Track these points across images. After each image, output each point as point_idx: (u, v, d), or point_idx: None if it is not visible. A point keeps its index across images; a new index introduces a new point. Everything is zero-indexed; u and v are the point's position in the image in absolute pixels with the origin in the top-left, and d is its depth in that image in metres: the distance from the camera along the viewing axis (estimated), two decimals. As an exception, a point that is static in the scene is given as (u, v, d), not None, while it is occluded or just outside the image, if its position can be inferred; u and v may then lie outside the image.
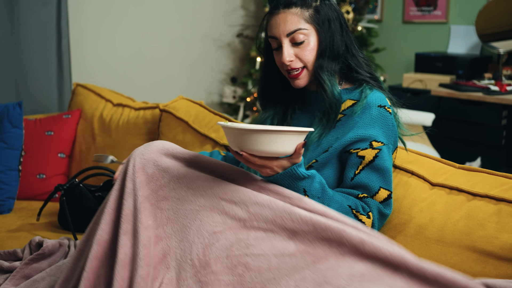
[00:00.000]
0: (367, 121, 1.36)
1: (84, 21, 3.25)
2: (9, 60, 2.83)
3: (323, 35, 1.40)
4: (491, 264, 1.23)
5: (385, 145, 1.36)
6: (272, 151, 1.15)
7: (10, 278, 1.50)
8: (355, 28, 3.99)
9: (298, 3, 1.39)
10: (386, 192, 1.34)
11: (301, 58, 1.40)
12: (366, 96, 1.40)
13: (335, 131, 1.39)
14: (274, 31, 1.40)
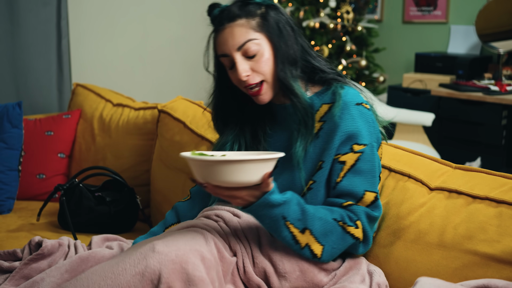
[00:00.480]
0: (348, 122, 1.30)
1: (84, 21, 3.25)
2: (9, 60, 2.83)
3: (277, 42, 1.32)
4: (494, 268, 1.22)
5: (367, 145, 1.30)
6: (235, 181, 1.10)
7: (10, 279, 1.50)
8: (355, 28, 3.99)
9: (242, 14, 1.31)
10: (372, 194, 1.29)
11: (258, 71, 1.31)
12: (341, 96, 1.32)
13: (320, 141, 1.33)
14: (224, 48, 1.32)
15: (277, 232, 1.23)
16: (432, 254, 1.31)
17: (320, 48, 3.90)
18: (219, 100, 1.45)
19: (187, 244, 1.17)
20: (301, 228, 1.22)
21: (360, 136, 1.30)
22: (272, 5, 1.36)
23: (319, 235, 1.23)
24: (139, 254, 1.17)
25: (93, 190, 1.99)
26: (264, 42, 1.32)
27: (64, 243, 1.59)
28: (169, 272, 1.11)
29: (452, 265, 1.28)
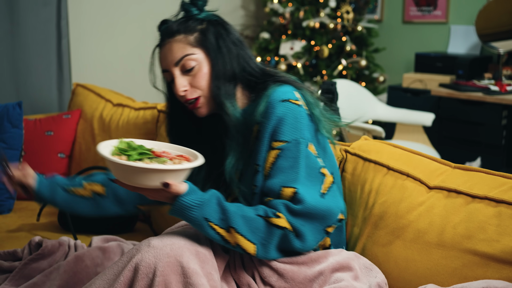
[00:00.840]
0: (271, 120, 1.27)
1: (84, 21, 3.25)
2: (9, 60, 2.83)
3: (213, 57, 1.33)
4: (493, 267, 1.22)
5: (289, 142, 1.25)
6: (137, 184, 1.16)
7: (10, 279, 1.50)
8: (355, 28, 3.99)
9: (181, 30, 1.34)
10: (290, 190, 1.23)
11: (195, 86, 1.33)
12: (268, 95, 1.29)
13: (255, 145, 1.32)
14: (164, 63, 1.36)
15: (205, 233, 1.22)
16: (432, 253, 1.31)
17: (320, 48, 3.90)
18: (172, 113, 1.45)
19: (181, 240, 1.19)
20: (225, 227, 1.21)
21: (280, 133, 1.26)
22: (214, 20, 1.37)
23: (246, 233, 1.21)
24: (135, 250, 1.19)
25: (93, 190, 1.99)
26: (202, 58, 1.34)
27: (64, 243, 1.60)
28: (164, 266, 1.14)
29: (451, 264, 1.28)
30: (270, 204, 1.25)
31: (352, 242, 1.49)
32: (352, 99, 3.28)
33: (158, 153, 1.23)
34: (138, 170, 1.13)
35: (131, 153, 1.19)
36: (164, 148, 1.28)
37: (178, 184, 1.17)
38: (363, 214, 1.48)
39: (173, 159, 1.22)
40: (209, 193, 1.23)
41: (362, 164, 1.54)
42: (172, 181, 1.15)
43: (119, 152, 1.20)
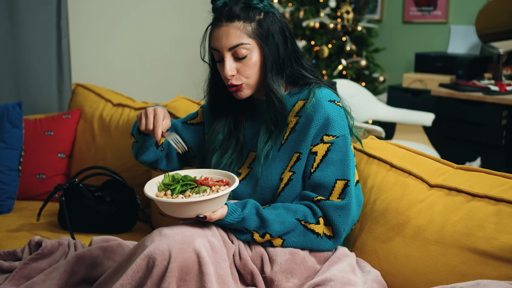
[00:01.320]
0: (321, 115, 1.38)
1: (84, 21, 3.25)
2: (9, 60, 2.83)
3: (266, 50, 1.39)
4: (491, 265, 1.23)
5: (338, 137, 1.38)
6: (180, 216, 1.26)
7: (10, 278, 1.50)
8: (355, 28, 3.99)
9: (242, 16, 1.37)
10: (342, 182, 1.37)
11: (242, 73, 1.39)
12: (315, 93, 1.41)
13: (296, 134, 1.41)
14: (216, 44, 1.39)
15: (240, 236, 1.35)
16: (431, 250, 1.32)
17: (320, 48, 3.90)
18: (213, 89, 1.52)
19: (192, 228, 1.24)
20: (261, 233, 1.33)
21: (331, 128, 1.38)
22: (271, 12, 1.41)
23: (279, 235, 1.34)
24: (147, 241, 1.23)
25: (93, 190, 1.99)
26: (255, 48, 1.39)
27: (64, 243, 1.60)
28: (178, 252, 1.17)
29: (450, 261, 1.28)
30: (320, 204, 1.36)
31: (353, 238, 1.50)
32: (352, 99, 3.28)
33: (200, 181, 1.33)
34: (178, 205, 1.23)
35: (175, 186, 1.30)
36: (207, 174, 1.38)
37: (216, 212, 1.26)
38: (364, 209, 1.50)
39: (213, 185, 1.31)
40: (249, 207, 1.33)
41: (366, 160, 1.57)
42: (213, 208, 1.25)
43: (164, 187, 1.31)
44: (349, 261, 1.38)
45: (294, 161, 1.40)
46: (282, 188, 1.40)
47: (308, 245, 1.37)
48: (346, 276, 1.31)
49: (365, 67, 3.95)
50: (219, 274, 1.21)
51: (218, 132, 1.51)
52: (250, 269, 1.32)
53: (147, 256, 1.19)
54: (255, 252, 1.35)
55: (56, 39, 2.95)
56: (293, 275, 1.32)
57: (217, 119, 1.53)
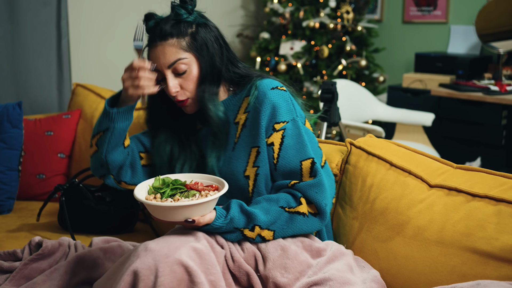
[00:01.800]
0: (267, 105, 1.40)
1: (84, 21, 3.25)
2: (9, 60, 2.83)
3: (203, 61, 1.41)
4: (492, 265, 1.23)
5: (288, 122, 1.40)
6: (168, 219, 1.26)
7: (10, 279, 1.50)
8: (355, 28, 3.99)
9: (174, 33, 1.40)
10: (308, 161, 1.39)
11: (185, 88, 1.41)
12: (257, 85, 1.43)
13: (248, 130, 1.43)
14: (156, 64, 1.41)
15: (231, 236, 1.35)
16: (431, 250, 1.32)
17: (320, 48, 3.90)
18: (153, 108, 1.53)
19: (177, 239, 1.25)
20: (250, 227, 1.34)
21: (279, 115, 1.40)
22: (202, 23, 1.44)
23: (268, 225, 1.35)
24: (133, 256, 1.23)
25: (93, 190, 1.99)
26: (193, 61, 1.41)
27: (64, 244, 1.60)
28: (165, 266, 1.18)
29: (450, 262, 1.28)
30: (296, 187, 1.38)
31: (352, 236, 1.50)
32: (352, 99, 3.28)
33: (190, 186, 1.34)
34: (166, 208, 1.24)
35: (164, 190, 1.31)
36: (197, 178, 1.38)
37: (204, 217, 1.28)
38: (363, 208, 1.49)
39: (203, 190, 1.32)
40: (233, 206, 1.34)
41: (365, 158, 1.56)
42: (202, 212, 1.26)
43: (154, 191, 1.32)
44: (347, 260, 1.38)
45: (254, 156, 1.41)
46: (253, 185, 1.41)
47: (297, 229, 1.38)
48: (345, 276, 1.31)
49: (365, 67, 3.95)
50: (210, 280, 1.22)
51: (165, 145, 1.51)
52: (245, 270, 1.32)
53: (132, 272, 1.19)
54: (248, 253, 1.35)
55: (56, 39, 2.95)
56: (287, 270, 1.32)
57: (159, 132, 1.52)
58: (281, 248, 1.35)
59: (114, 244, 1.55)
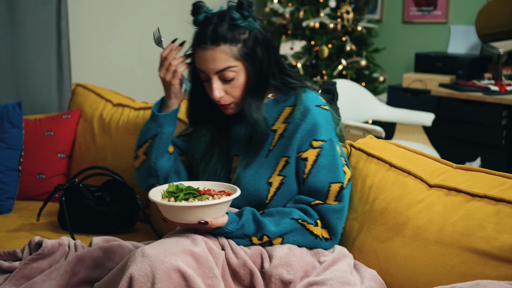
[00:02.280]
0: (308, 121, 1.41)
1: (84, 21, 3.25)
2: (9, 60, 2.83)
3: (252, 69, 1.40)
4: (491, 265, 1.23)
5: (326, 141, 1.41)
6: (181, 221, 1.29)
7: (10, 279, 1.50)
8: (355, 28, 3.99)
9: (227, 39, 1.37)
10: (337, 185, 1.40)
11: (230, 94, 1.41)
12: (302, 99, 1.43)
13: (285, 140, 1.43)
14: (203, 66, 1.40)
15: (238, 240, 1.37)
16: (430, 250, 1.32)
17: (320, 48, 3.90)
18: (193, 101, 1.54)
19: (174, 244, 1.25)
20: (259, 236, 1.36)
21: (318, 133, 1.41)
22: (255, 29, 1.42)
23: (276, 235, 1.36)
24: (129, 261, 1.23)
25: (93, 190, 1.99)
26: (241, 70, 1.41)
27: (64, 243, 1.60)
28: (161, 273, 1.18)
29: (450, 262, 1.28)
30: (317, 208, 1.39)
31: (352, 237, 1.50)
32: (352, 99, 3.28)
33: (203, 191, 1.35)
34: (181, 208, 1.26)
35: (178, 194, 1.33)
36: (209, 186, 1.40)
37: (217, 219, 1.29)
38: (362, 209, 1.49)
39: (215, 195, 1.33)
40: (246, 213, 1.36)
41: (365, 159, 1.57)
42: (215, 215, 1.28)
43: (168, 195, 1.34)
44: (348, 262, 1.39)
45: (282, 165, 1.42)
46: (274, 192, 1.41)
47: (306, 244, 1.39)
48: (346, 276, 1.31)
49: (365, 67, 3.95)
50: (208, 284, 1.22)
51: (200, 142, 1.52)
52: (249, 268, 1.32)
53: (129, 278, 1.20)
54: (254, 250, 1.36)
55: (56, 39, 2.95)
56: (293, 268, 1.32)
57: (198, 129, 1.54)
58: (288, 247, 1.36)
59: (114, 244, 1.55)
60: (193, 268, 1.22)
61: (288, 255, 1.34)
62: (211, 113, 1.53)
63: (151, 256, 1.20)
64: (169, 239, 1.28)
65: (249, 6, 1.42)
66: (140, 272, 1.18)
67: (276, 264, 1.32)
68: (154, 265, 1.19)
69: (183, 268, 1.19)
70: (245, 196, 1.43)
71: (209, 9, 1.45)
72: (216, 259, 1.29)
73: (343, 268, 1.34)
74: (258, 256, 1.35)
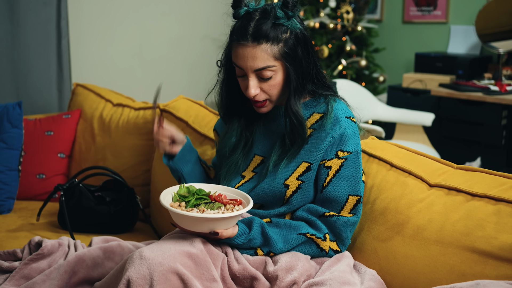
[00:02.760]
0: (337, 131, 1.40)
1: (84, 21, 3.25)
2: (9, 60, 2.83)
3: (291, 71, 1.37)
4: (491, 264, 1.23)
5: (352, 153, 1.40)
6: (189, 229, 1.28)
7: (10, 279, 1.50)
8: (355, 28, 3.99)
9: (270, 38, 1.33)
10: (355, 198, 1.40)
11: (266, 91, 1.39)
12: (333, 108, 1.42)
13: (309, 146, 1.42)
14: (241, 63, 1.36)
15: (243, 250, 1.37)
16: (430, 250, 1.32)
17: (320, 48, 3.90)
18: (227, 94, 1.51)
19: (172, 246, 1.25)
20: (265, 252, 1.36)
21: (345, 144, 1.40)
22: (297, 29, 1.38)
23: (282, 251, 1.37)
24: (127, 264, 1.23)
25: (93, 190, 1.99)
26: (280, 70, 1.38)
27: (64, 243, 1.60)
28: (159, 275, 1.18)
29: (450, 261, 1.28)
30: (331, 220, 1.38)
31: (352, 237, 1.50)
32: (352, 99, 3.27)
33: (215, 197, 1.35)
34: (194, 219, 1.24)
35: (189, 199, 1.33)
36: (221, 191, 1.39)
37: (227, 230, 1.29)
38: (363, 209, 1.50)
39: (228, 203, 1.33)
40: (255, 227, 1.35)
41: (366, 159, 1.58)
42: (225, 226, 1.27)
43: (179, 198, 1.33)
44: (348, 262, 1.39)
45: (303, 170, 1.41)
46: (290, 195, 1.41)
47: (311, 254, 1.40)
48: (345, 276, 1.31)
49: (365, 67, 3.95)
50: (206, 286, 1.23)
51: (232, 136, 1.51)
52: (249, 273, 1.32)
53: (127, 280, 1.20)
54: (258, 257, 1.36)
55: (56, 39, 2.95)
56: (295, 269, 1.33)
57: (230, 122, 1.53)
58: (292, 252, 1.38)
59: (113, 244, 1.55)
60: (191, 270, 1.22)
61: (292, 259, 1.34)
62: (243, 107, 1.52)
63: (149, 259, 1.20)
64: (167, 241, 1.28)
65: (294, 6, 1.37)
66: (138, 275, 1.19)
67: (282, 267, 1.32)
68: (152, 268, 1.19)
69: (181, 270, 1.20)
70: (260, 194, 1.43)
71: (250, 3, 1.41)
72: (214, 260, 1.29)
73: (343, 268, 1.35)
74: (262, 261, 1.36)
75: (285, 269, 1.32)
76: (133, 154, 2.22)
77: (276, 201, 1.43)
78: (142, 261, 1.20)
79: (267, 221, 1.41)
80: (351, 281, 1.31)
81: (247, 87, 1.38)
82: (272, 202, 1.43)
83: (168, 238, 1.31)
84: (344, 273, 1.32)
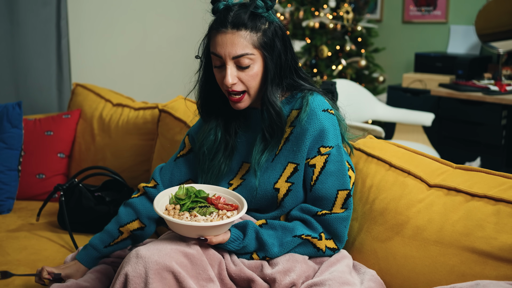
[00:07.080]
0: (315, 126, 1.38)
1: (84, 21, 3.25)
2: (8, 60, 2.83)
3: (269, 61, 1.37)
4: (491, 265, 1.23)
5: (333, 147, 1.39)
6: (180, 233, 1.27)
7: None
8: (355, 28, 3.99)
9: (249, 26, 1.34)
10: (345, 192, 1.39)
11: (244, 82, 1.37)
12: (308, 102, 1.40)
13: (290, 144, 1.41)
14: (219, 50, 1.35)
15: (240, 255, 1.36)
16: (430, 250, 1.32)
17: (320, 48, 3.90)
18: (205, 92, 1.50)
19: (168, 245, 1.25)
20: (261, 257, 1.36)
21: (326, 139, 1.39)
22: (274, 22, 1.40)
23: (278, 255, 1.36)
24: (124, 262, 1.24)
25: (93, 190, 1.99)
26: (258, 59, 1.37)
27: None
28: (154, 273, 1.19)
29: (449, 262, 1.28)
30: (324, 218, 1.37)
31: (352, 237, 1.50)
32: (352, 99, 3.28)
33: (212, 200, 1.35)
34: (181, 226, 1.24)
35: (185, 201, 1.33)
36: (220, 193, 1.39)
37: (217, 237, 1.28)
38: (362, 209, 1.49)
39: (222, 208, 1.32)
40: (249, 233, 1.34)
41: (365, 159, 1.57)
42: (216, 233, 1.27)
43: (176, 201, 1.33)
44: (347, 262, 1.39)
45: (291, 172, 1.40)
46: (282, 198, 1.40)
47: (308, 255, 1.40)
48: (344, 276, 1.31)
49: (365, 67, 3.95)
50: (202, 285, 1.23)
51: (210, 134, 1.49)
52: (246, 275, 1.31)
53: (124, 278, 1.21)
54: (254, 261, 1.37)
55: (56, 39, 2.95)
56: (294, 271, 1.33)
57: (208, 120, 1.51)
58: (289, 254, 1.37)
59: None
60: (187, 269, 1.22)
61: (290, 261, 1.34)
62: (222, 107, 1.50)
63: (145, 257, 1.21)
64: (164, 240, 1.29)
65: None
66: (134, 273, 1.20)
67: (280, 270, 1.32)
68: (147, 266, 1.20)
69: (176, 269, 1.20)
70: (255, 201, 1.42)
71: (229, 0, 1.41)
72: (211, 261, 1.29)
73: (342, 268, 1.34)
74: (258, 264, 1.35)
75: (283, 272, 1.32)
76: (133, 154, 2.22)
77: (270, 205, 1.42)
78: (138, 259, 1.21)
79: (262, 222, 1.40)
80: (350, 281, 1.31)
81: (225, 76, 1.36)
82: (267, 206, 1.43)
83: (165, 238, 1.32)
84: (344, 273, 1.32)
